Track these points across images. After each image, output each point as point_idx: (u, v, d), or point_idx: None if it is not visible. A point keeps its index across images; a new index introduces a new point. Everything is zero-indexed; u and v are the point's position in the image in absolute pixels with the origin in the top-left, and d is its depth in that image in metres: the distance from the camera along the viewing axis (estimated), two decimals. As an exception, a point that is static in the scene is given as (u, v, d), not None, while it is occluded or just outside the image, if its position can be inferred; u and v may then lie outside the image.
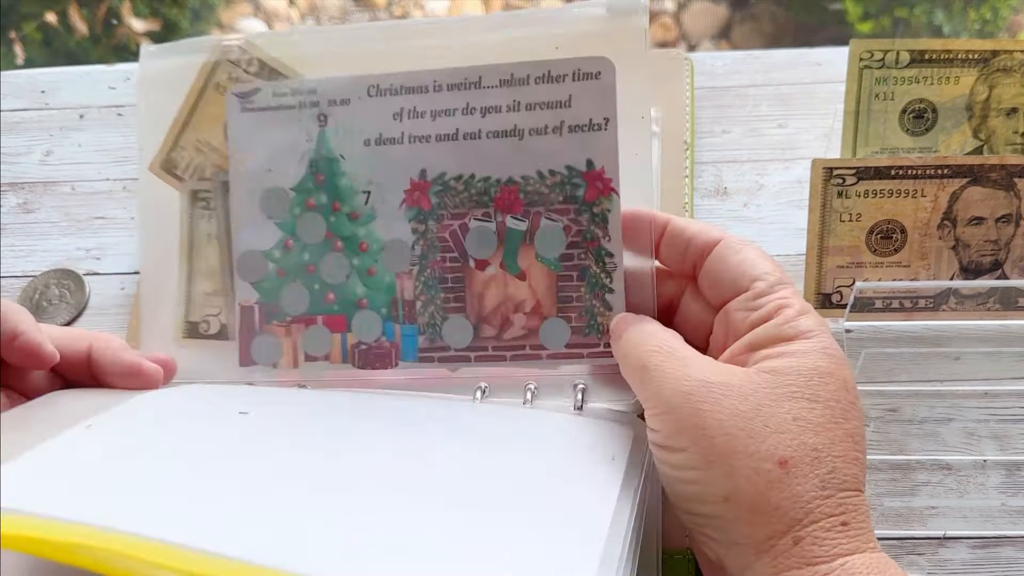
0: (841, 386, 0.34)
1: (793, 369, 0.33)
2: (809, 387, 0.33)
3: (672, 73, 0.54)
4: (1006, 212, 0.44)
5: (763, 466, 0.32)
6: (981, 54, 0.45)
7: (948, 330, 0.46)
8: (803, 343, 0.34)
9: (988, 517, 0.42)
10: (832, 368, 0.34)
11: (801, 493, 0.31)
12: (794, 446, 0.32)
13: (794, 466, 0.32)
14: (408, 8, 1.50)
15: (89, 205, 0.53)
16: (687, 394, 0.33)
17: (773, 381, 0.33)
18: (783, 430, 0.32)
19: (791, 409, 0.32)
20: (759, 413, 0.32)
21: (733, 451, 0.32)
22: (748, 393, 0.33)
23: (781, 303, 0.35)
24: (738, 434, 0.32)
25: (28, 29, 1.26)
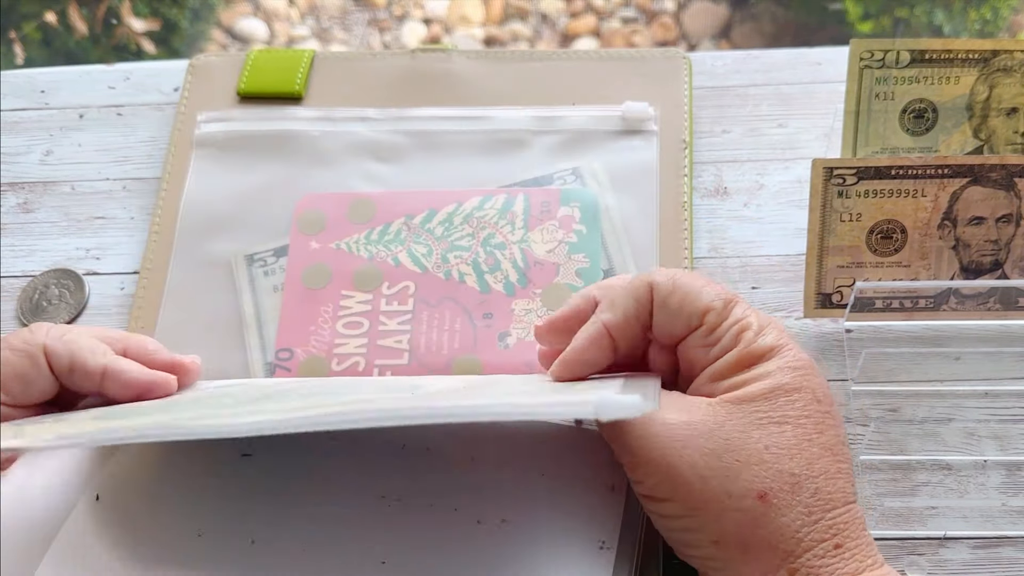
0: (810, 399, 0.33)
1: (757, 395, 0.33)
2: (776, 409, 0.32)
3: (671, 72, 0.54)
4: (1006, 212, 0.44)
5: (744, 504, 0.31)
6: (981, 54, 0.44)
7: (948, 330, 0.46)
8: (764, 365, 0.33)
9: (988, 517, 0.42)
10: (798, 382, 0.33)
11: (787, 524, 0.31)
12: (771, 476, 0.31)
13: (774, 497, 0.31)
14: (408, 8, 1.50)
15: (89, 205, 0.53)
16: (653, 441, 0.32)
17: (738, 412, 0.32)
18: (756, 462, 0.31)
19: (760, 438, 0.32)
20: (728, 448, 0.32)
21: (712, 494, 0.31)
22: (714, 429, 0.32)
23: (739, 328, 0.34)
24: (713, 476, 0.31)
25: (28, 29, 1.26)
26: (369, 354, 0.45)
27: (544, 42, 1.48)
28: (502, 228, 0.48)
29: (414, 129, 0.52)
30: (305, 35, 1.49)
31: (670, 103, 0.53)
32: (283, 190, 0.51)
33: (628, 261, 0.48)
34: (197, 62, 0.56)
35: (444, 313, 0.46)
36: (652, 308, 0.36)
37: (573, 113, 0.52)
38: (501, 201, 0.49)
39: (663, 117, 0.52)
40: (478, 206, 0.49)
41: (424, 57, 0.55)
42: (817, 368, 0.34)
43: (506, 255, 0.48)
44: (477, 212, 0.49)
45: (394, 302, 0.47)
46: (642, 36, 1.47)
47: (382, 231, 0.49)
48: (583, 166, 0.51)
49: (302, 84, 0.54)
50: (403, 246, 0.48)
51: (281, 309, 0.47)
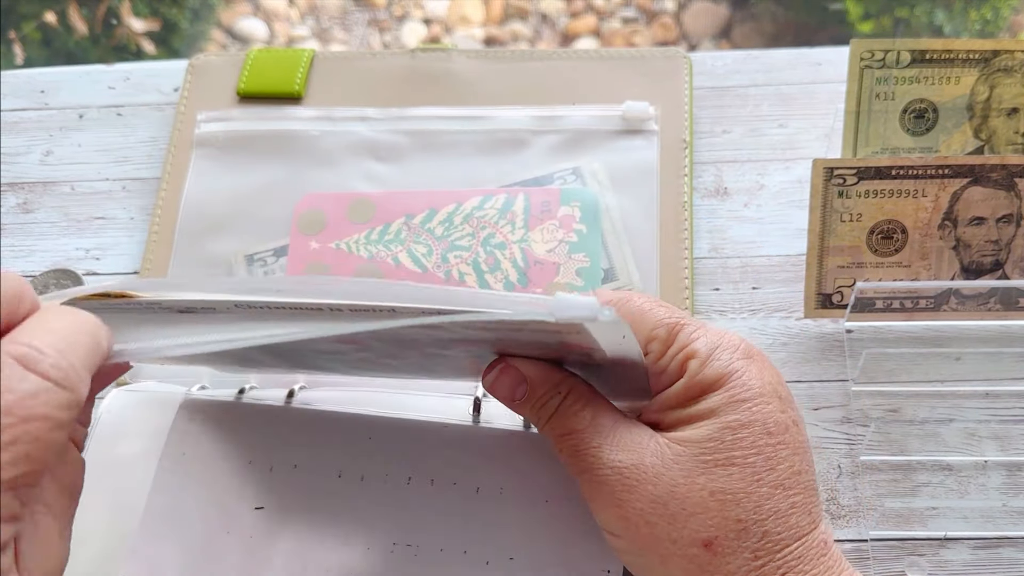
0: (760, 433, 0.32)
1: (703, 435, 0.32)
2: (722, 451, 0.31)
3: (671, 72, 0.54)
4: (1007, 212, 0.44)
5: (689, 551, 0.31)
6: (982, 54, 0.44)
7: (949, 330, 0.46)
8: (710, 399, 0.32)
9: (989, 518, 0.42)
10: (746, 417, 0.32)
11: (733, 570, 0.31)
12: (716, 524, 0.31)
13: (719, 545, 0.31)
14: (408, 8, 1.50)
15: (89, 205, 0.53)
16: (603, 485, 0.32)
17: (684, 453, 0.32)
18: (701, 510, 0.31)
19: (706, 484, 0.31)
20: (674, 496, 0.31)
21: (658, 539, 0.31)
22: (661, 473, 0.31)
23: (684, 356, 0.33)
24: (658, 521, 0.31)
25: (28, 29, 1.26)
26: None
27: (544, 42, 1.48)
28: (502, 228, 0.48)
29: (414, 129, 0.52)
30: (305, 35, 1.49)
31: (670, 103, 0.53)
32: (283, 190, 0.50)
33: (628, 260, 0.48)
34: (197, 62, 0.56)
35: None
36: None
37: (573, 113, 0.52)
38: (501, 201, 0.49)
39: (663, 117, 0.52)
40: (478, 206, 0.49)
41: (424, 57, 0.55)
42: (775, 390, 0.33)
43: (506, 255, 0.48)
44: (477, 212, 0.49)
45: None
46: (642, 36, 1.47)
47: (382, 231, 0.49)
48: (583, 166, 0.51)
49: (302, 84, 0.54)
50: (403, 246, 0.48)
51: None
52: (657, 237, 0.48)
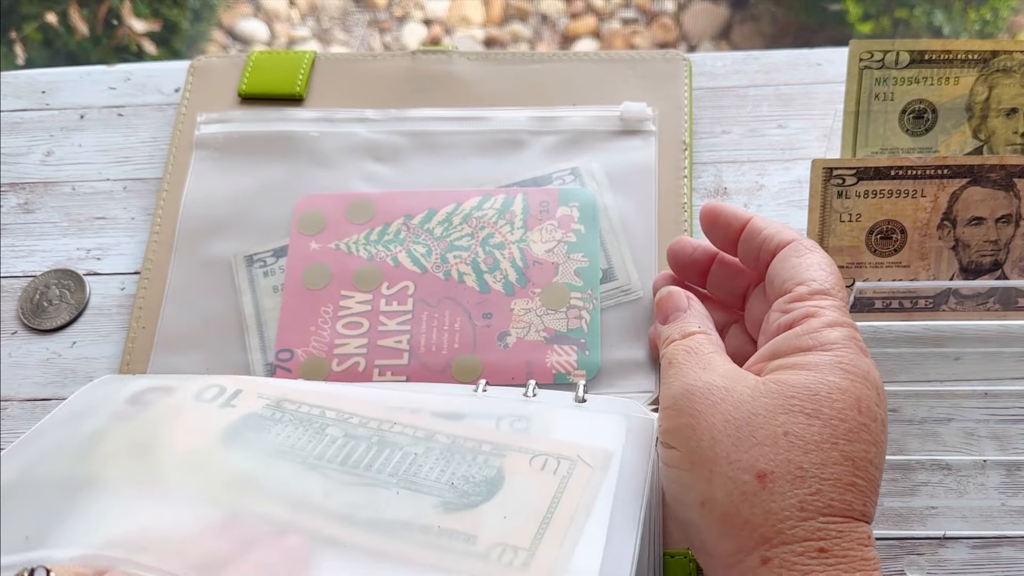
0: (852, 405, 0.32)
1: (800, 382, 0.32)
2: (812, 402, 0.32)
3: (671, 73, 0.54)
4: (1006, 212, 0.44)
5: (740, 476, 0.31)
6: (981, 54, 0.45)
7: (948, 330, 0.46)
8: (819, 355, 0.33)
9: (988, 517, 0.42)
10: (846, 385, 0.32)
11: (775, 511, 0.30)
12: (777, 461, 0.31)
13: (772, 481, 0.31)
14: (408, 9, 1.50)
15: (89, 205, 0.53)
16: (691, 393, 0.33)
17: (776, 391, 0.32)
18: (770, 443, 0.31)
19: (784, 423, 0.31)
20: (750, 422, 0.32)
21: (715, 456, 0.32)
22: (746, 400, 0.32)
23: (811, 311, 0.35)
24: (724, 440, 0.32)
25: (28, 29, 1.26)
26: (369, 354, 0.45)
27: (544, 43, 1.48)
28: (501, 228, 0.48)
29: (413, 130, 0.52)
30: (306, 36, 1.49)
31: (670, 104, 0.53)
32: (283, 191, 0.51)
33: (627, 260, 0.48)
34: (198, 63, 0.56)
35: (444, 313, 0.46)
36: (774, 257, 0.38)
37: (572, 114, 0.52)
38: (500, 201, 0.49)
39: (663, 118, 0.52)
40: (477, 206, 0.49)
41: (425, 58, 0.55)
42: (876, 383, 0.33)
43: (505, 255, 0.48)
44: (476, 212, 0.49)
45: (394, 302, 0.47)
46: (642, 37, 1.47)
47: (381, 231, 0.49)
48: (581, 166, 0.51)
49: (303, 85, 0.54)
50: (402, 246, 0.48)
51: (281, 309, 0.47)
52: (656, 236, 0.48)
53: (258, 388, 0.40)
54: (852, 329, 0.34)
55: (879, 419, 0.33)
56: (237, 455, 0.36)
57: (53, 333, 0.49)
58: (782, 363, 0.34)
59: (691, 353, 0.35)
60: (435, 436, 0.37)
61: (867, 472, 0.32)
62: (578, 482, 0.35)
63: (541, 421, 0.38)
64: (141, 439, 0.37)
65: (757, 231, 0.39)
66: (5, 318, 0.50)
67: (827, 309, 0.35)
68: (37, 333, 0.49)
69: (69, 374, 0.48)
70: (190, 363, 0.46)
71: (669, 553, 0.40)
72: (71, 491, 0.34)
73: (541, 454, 0.36)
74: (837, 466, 0.31)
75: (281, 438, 0.37)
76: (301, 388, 0.40)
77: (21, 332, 0.49)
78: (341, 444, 0.37)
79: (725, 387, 0.33)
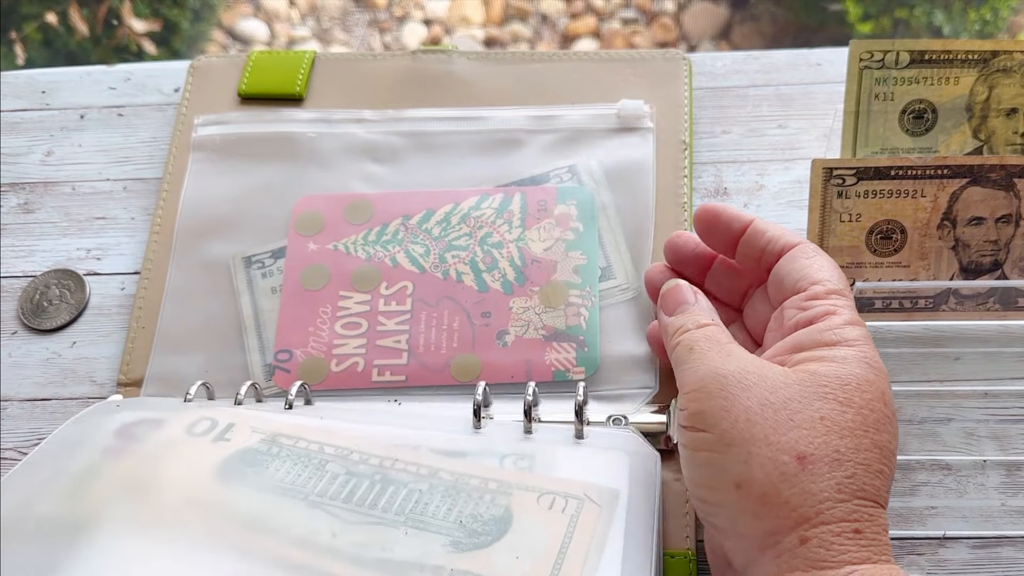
0: (879, 397, 0.33)
1: (831, 372, 0.33)
2: (844, 391, 0.33)
3: (670, 73, 0.54)
4: (1006, 212, 0.44)
5: (780, 457, 0.31)
6: (981, 54, 0.45)
7: (948, 330, 0.46)
8: (844, 349, 0.34)
9: (988, 517, 0.42)
10: (872, 378, 0.34)
11: (815, 492, 0.31)
12: (816, 444, 0.32)
13: (812, 463, 0.31)
14: (408, 8, 1.50)
15: (89, 205, 0.53)
16: (722, 376, 0.34)
17: (808, 380, 0.33)
18: (808, 427, 0.32)
19: (820, 408, 0.32)
20: (787, 406, 0.32)
21: (753, 437, 0.32)
22: (780, 386, 0.33)
23: (830, 309, 0.36)
24: (761, 422, 0.32)
25: (29, 30, 1.26)
26: (368, 354, 0.45)
27: (544, 43, 1.48)
28: (499, 227, 0.48)
29: (410, 130, 0.52)
30: (306, 36, 1.49)
31: (670, 104, 0.53)
32: (280, 192, 0.51)
33: (625, 258, 0.48)
34: (198, 63, 0.56)
35: (442, 312, 0.46)
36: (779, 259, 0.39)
37: (569, 112, 0.52)
38: (498, 200, 0.49)
39: (663, 118, 0.52)
40: (475, 206, 0.49)
41: (425, 58, 0.55)
42: (887, 383, 0.35)
43: (503, 254, 0.48)
44: (474, 212, 0.49)
45: (392, 302, 0.47)
46: (642, 37, 1.47)
47: (380, 231, 0.49)
48: (579, 163, 0.51)
49: (303, 85, 0.54)
50: (400, 246, 0.48)
51: (279, 310, 0.47)
52: (652, 235, 0.48)
53: (251, 422, 0.39)
54: (865, 330, 0.36)
55: (895, 414, 0.34)
56: (238, 493, 0.36)
57: (53, 333, 0.49)
58: (808, 356, 0.34)
59: (712, 341, 0.36)
60: (438, 473, 0.37)
61: (891, 461, 0.33)
62: (588, 522, 0.35)
63: (544, 459, 0.38)
64: (136, 477, 0.36)
65: (760, 232, 0.40)
66: (5, 318, 0.50)
67: (844, 308, 0.36)
68: (37, 333, 0.49)
69: (69, 374, 0.48)
70: (189, 364, 0.46)
71: (669, 553, 0.40)
72: (69, 533, 0.33)
73: (548, 492, 0.37)
74: (869, 452, 0.32)
75: (280, 474, 0.37)
76: (295, 423, 0.40)
77: (21, 332, 0.49)
78: (343, 481, 0.37)
79: (757, 372, 0.33)
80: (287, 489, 0.36)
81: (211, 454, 0.37)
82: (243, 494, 0.36)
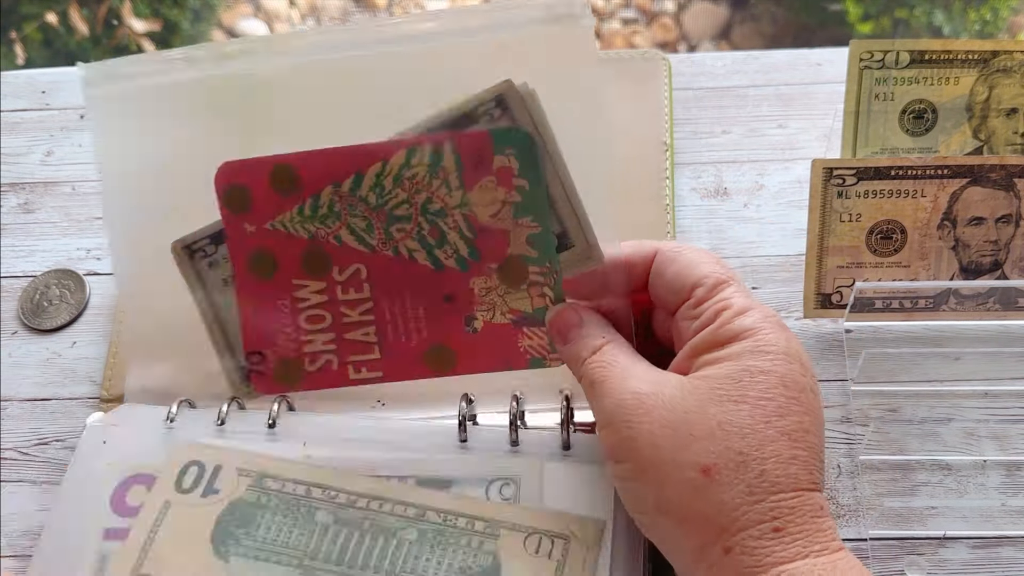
0: (777, 383, 0.33)
1: (721, 373, 0.33)
2: (737, 388, 0.33)
3: (649, 73, 0.53)
4: (1006, 212, 0.44)
5: (687, 474, 0.32)
6: (981, 54, 0.45)
7: (948, 330, 0.46)
8: (737, 345, 0.34)
9: (988, 517, 0.42)
10: (766, 366, 0.33)
11: (726, 500, 0.31)
12: (718, 452, 0.32)
13: (718, 473, 0.31)
14: (408, 8, 1.50)
15: (89, 205, 0.53)
16: (623, 408, 0.34)
17: (702, 387, 0.33)
18: (707, 436, 0.32)
19: (716, 414, 0.32)
20: (685, 421, 0.32)
21: (660, 461, 0.32)
22: (677, 401, 0.33)
23: (720, 306, 0.35)
24: (664, 444, 0.32)
25: (29, 30, 1.26)
26: (339, 350, 0.43)
27: (544, 43, 1.48)
28: (438, 190, 0.42)
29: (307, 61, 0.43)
30: (305, 36, 1.49)
31: (650, 104, 0.52)
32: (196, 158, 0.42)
33: (583, 216, 0.40)
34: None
35: (404, 300, 0.44)
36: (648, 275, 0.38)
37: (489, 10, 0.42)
38: (428, 154, 0.42)
39: (642, 119, 0.51)
40: (405, 163, 0.42)
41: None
42: (797, 355, 0.34)
43: (449, 223, 0.42)
44: (406, 172, 0.42)
45: (350, 289, 0.43)
46: (642, 37, 1.47)
47: (313, 204, 0.43)
48: (507, 92, 0.40)
49: None
50: (340, 221, 0.43)
51: (239, 307, 0.43)
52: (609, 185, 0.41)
53: (236, 462, 0.40)
54: (763, 310, 0.35)
55: (807, 388, 0.34)
56: (234, 566, 0.37)
57: (53, 333, 0.49)
58: (704, 359, 0.34)
59: (608, 367, 0.36)
60: (426, 514, 0.38)
61: (806, 441, 0.32)
62: (575, 563, 0.37)
63: (529, 482, 0.39)
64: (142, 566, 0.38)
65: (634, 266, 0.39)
66: (5, 318, 0.50)
67: (733, 297, 0.35)
68: (37, 333, 0.49)
69: (69, 374, 0.48)
70: (164, 373, 0.44)
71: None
72: None
73: (534, 532, 0.38)
74: (774, 443, 0.32)
75: (272, 532, 0.38)
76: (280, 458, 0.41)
77: (21, 332, 0.49)
78: (333, 535, 0.38)
79: (653, 392, 0.34)
80: (280, 553, 0.38)
81: (204, 518, 0.39)
82: (240, 567, 0.37)
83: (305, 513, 0.39)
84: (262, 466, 0.40)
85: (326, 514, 0.38)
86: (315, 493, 0.39)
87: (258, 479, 0.40)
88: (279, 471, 0.40)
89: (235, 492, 0.39)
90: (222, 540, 0.38)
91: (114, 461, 0.41)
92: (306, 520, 0.38)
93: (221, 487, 0.39)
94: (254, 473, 0.40)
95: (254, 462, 0.40)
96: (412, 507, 0.39)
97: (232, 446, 0.41)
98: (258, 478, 0.40)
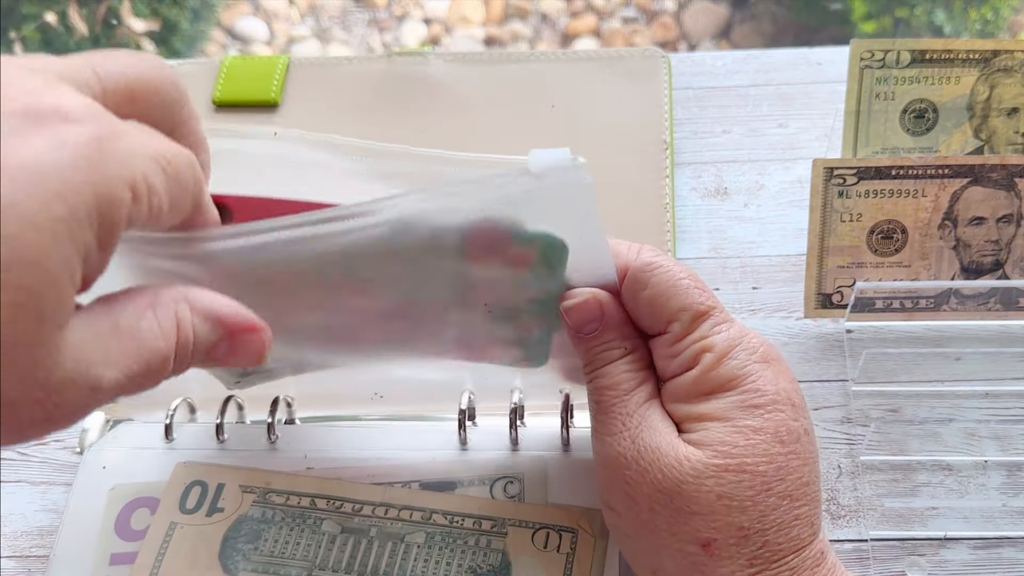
0: (772, 440, 0.31)
1: (716, 440, 0.31)
2: (734, 456, 0.31)
3: (649, 72, 0.53)
4: (1007, 212, 0.44)
5: (686, 548, 0.31)
6: (982, 54, 0.44)
7: (949, 330, 0.46)
8: (724, 399, 0.32)
9: (989, 518, 0.42)
10: (758, 423, 0.31)
11: (726, 574, 0.30)
12: (718, 527, 0.30)
13: (718, 548, 0.30)
14: (408, 7, 1.50)
15: (88, 205, 0.53)
16: (617, 462, 0.32)
17: (695, 454, 0.31)
18: (707, 511, 0.31)
19: (714, 488, 0.31)
20: (680, 492, 0.31)
21: (657, 528, 0.31)
22: (672, 467, 0.31)
23: (700, 347, 0.32)
24: (661, 511, 0.31)
25: (28, 30, 1.26)
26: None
27: (544, 42, 1.48)
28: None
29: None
30: (305, 35, 1.49)
31: (649, 103, 0.52)
32: None
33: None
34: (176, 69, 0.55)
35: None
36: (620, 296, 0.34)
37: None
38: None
39: (642, 118, 0.51)
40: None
41: (401, 61, 0.54)
42: (788, 397, 0.32)
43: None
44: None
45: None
46: (642, 36, 1.47)
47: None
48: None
49: (278, 91, 0.53)
50: None
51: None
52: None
53: (239, 479, 0.40)
54: (745, 343, 0.32)
55: (801, 434, 0.32)
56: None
57: (52, 333, 0.49)
58: (689, 412, 0.32)
59: (609, 410, 0.33)
60: (432, 517, 0.38)
61: (807, 496, 0.31)
62: (584, 556, 0.37)
63: (533, 481, 0.39)
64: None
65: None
66: (4, 318, 0.49)
67: (713, 334, 0.32)
68: (36, 333, 0.49)
69: (68, 374, 0.48)
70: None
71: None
72: None
73: (542, 528, 0.38)
74: (776, 511, 0.31)
75: (279, 546, 0.38)
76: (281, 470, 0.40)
77: (20, 332, 0.49)
78: (341, 544, 0.38)
79: (652, 448, 0.32)
80: (289, 566, 0.38)
81: (210, 536, 0.38)
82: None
83: (311, 524, 0.38)
84: (265, 481, 0.40)
85: (332, 524, 0.38)
86: (320, 504, 0.39)
87: (262, 494, 0.40)
88: (282, 485, 0.40)
89: (240, 509, 0.39)
90: (230, 557, 0.38)
91: (115, 486, 0.41)
92: (312, 531, 0.38)
93: (225, 505, 0.39)
94: (258, 489, 0.40)
95: (257, 478, 0.40)
96: (418, 511, 0.38)
97: (234, 463, 0.41)
98: (262, 493, 0.40)
